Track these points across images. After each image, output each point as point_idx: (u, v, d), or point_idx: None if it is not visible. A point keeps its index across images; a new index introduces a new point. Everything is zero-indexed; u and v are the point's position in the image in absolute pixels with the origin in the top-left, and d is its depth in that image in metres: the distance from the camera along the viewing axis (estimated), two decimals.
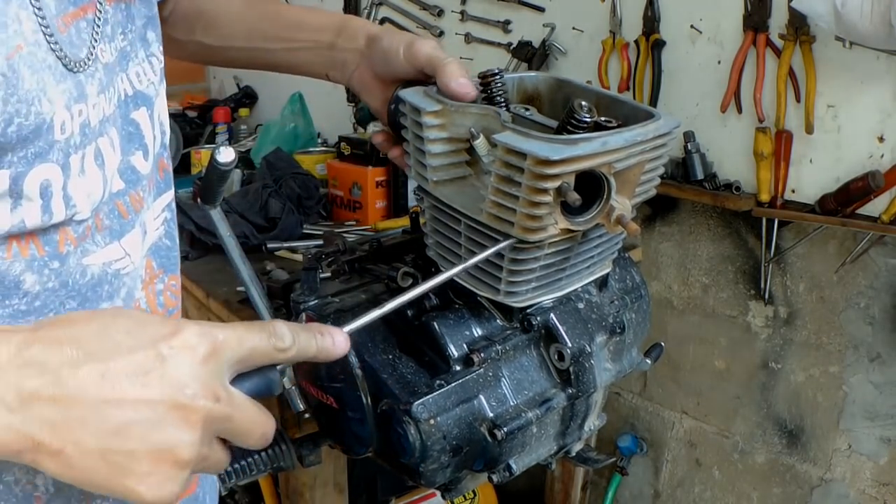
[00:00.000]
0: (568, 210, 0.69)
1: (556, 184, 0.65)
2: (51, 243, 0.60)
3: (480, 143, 0.71)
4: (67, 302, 0.62)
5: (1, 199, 0.55)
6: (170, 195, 0.76)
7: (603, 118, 0.72)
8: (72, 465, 0.47)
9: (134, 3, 0.67)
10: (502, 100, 0.78)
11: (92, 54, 0.60)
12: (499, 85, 0.78)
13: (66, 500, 0.65)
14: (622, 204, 0.71)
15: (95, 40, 0.61)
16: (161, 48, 0.73)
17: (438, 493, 1.87)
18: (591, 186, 0.70)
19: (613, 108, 0.76)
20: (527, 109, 0.81)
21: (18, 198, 0.55)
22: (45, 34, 0.55)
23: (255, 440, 0.53)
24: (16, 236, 0.57)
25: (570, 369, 0.78)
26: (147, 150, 0.69)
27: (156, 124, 0.71)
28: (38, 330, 0.48)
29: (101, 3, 0.62)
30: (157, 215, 0.74)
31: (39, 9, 0.55)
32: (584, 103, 0.71)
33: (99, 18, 0.61)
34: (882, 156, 1.43)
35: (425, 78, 0.80)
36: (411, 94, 0.76)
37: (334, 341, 0.58)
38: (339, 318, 0.84)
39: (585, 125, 0.70)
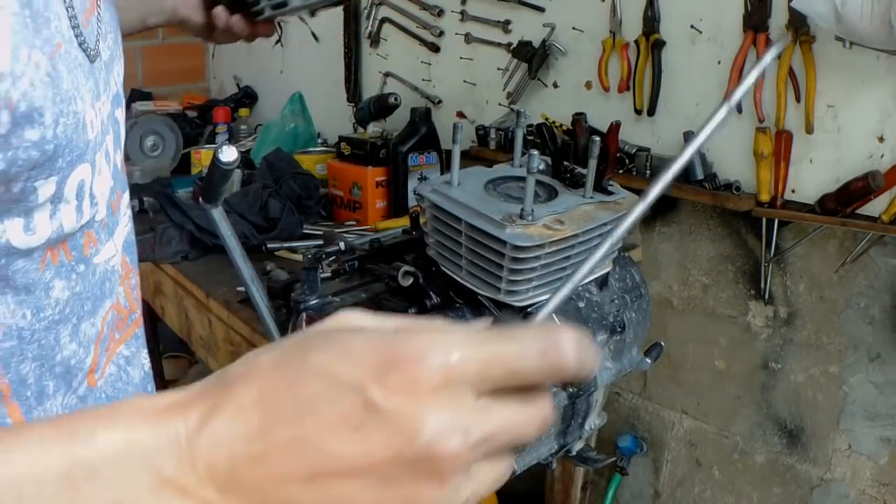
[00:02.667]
0: None
1: None
2: (77, 247, 0.58)
3: None
4: (85, 304, 0.60)
5: (43, 207, 0.52)
6: (127, 191, 0.75)
7: None
8: None
9: None
10: None
11: (99, 51, 0.60)
12: None
13: None
14: None
15: (99, 37, 0.60)
16: None
17: None
18: None
19: None
20: None
21: (58, 202, 0.54)
22: (75, 31, 0.54)
23: (533, 436, 0.38)
24: (51, 244, 0.55)
25: None
26: (121, 148, 0.69)
27: (123, 122, 0.71)
28: (214, 392, 0.37)
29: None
30: (126, 211, 0.73)
31: (71, 4, 0.54)
32: None
33: (100, 15, 0.61)
34: (882, 156, 1.43)
35: None
36: None
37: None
38: None
39: None
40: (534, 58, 1.91)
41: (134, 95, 2.89)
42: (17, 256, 0.53)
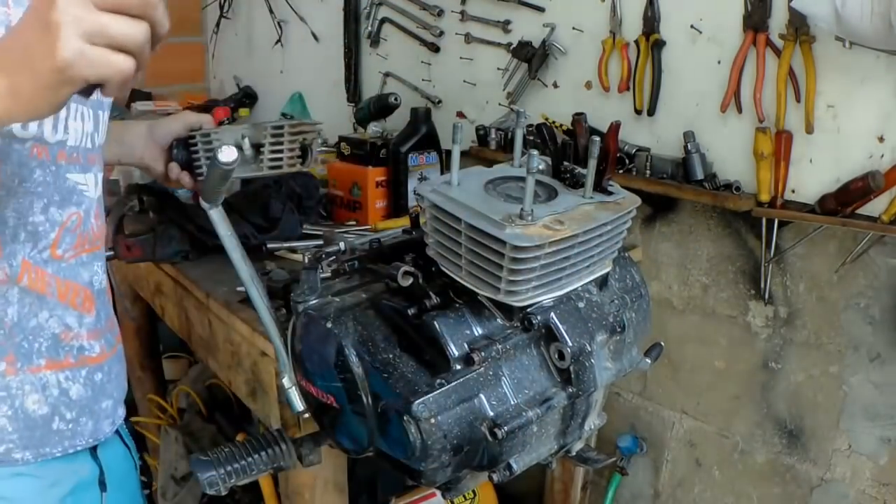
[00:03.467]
0: None
1: None
2: (52, 154, 0.96)
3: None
4: (55, 195, 0.97)
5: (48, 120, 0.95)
6: (101, 172, 1.12)
7: None
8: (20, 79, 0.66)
9: None
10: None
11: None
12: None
13: None
14: None
15: None
16: None
17: (439, 493, 1.87)
18: None
19: None
20: None
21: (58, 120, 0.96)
22: None
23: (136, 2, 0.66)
24: (36, 142, 0.93)
25: (571, 368, 0.78)
26: (100, 134, 1.08)
27: (103, 119, 1.10)
28: None
29: None
30: (99, 183, 1.08)
31: None
32: None
33: None
34: (882, 156, 1.43)
35: (189, 131, 1.41)
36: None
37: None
38: (339, 317, 0.84)
39: None
40: (534, 58, 1.91)
41: (134, 95, 2.89)
42: (14, 142, 0.90)
